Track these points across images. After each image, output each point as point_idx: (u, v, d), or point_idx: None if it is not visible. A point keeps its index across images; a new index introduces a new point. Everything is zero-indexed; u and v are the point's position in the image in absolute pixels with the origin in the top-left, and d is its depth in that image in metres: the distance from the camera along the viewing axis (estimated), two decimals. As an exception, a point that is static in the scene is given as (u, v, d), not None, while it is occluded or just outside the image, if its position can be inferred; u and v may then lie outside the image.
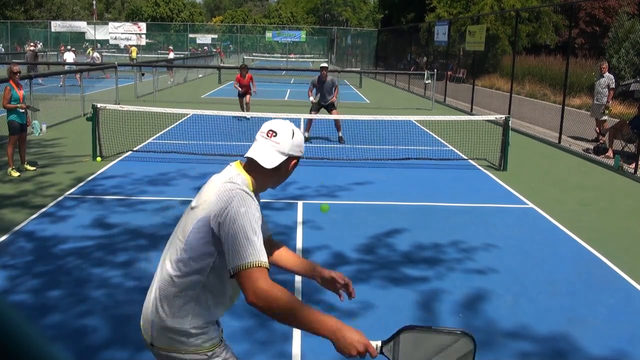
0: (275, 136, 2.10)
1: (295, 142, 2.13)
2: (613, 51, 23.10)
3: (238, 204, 1.94)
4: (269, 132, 2.11)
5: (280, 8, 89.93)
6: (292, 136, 2.13)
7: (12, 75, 8.57)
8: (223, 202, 1.96)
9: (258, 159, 2.06)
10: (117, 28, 58.14)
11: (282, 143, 2.09)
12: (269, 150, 2.08)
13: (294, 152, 2.13)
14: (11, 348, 0.56)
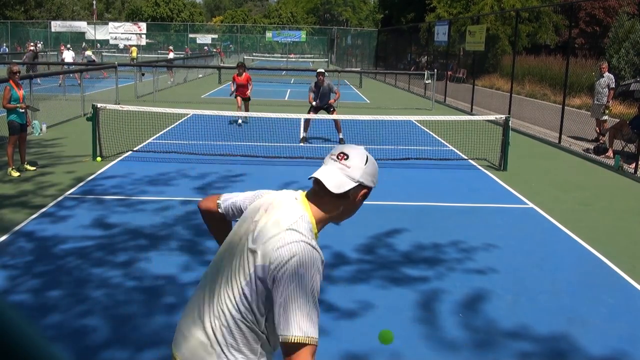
0: (347, 159, 1.94)
1: (368, 170, 1.98)
2: (613, 51, 23.10)
3: (299, 263, 1.79)
4: (339, 155, 1.95)
5: (280, 8, 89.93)
6: (366, 162, 1.98)
7: (11, 75, 8.57)
8: (284, 255, 1.78)
9: (324, 180, 1.89)
10: (117, 28, 58.12)
11: (353, 167, 1.92)
12: (337, 174, 1.92)
13: (365, 180, 1.96)
14: (11, 348, 0.56)
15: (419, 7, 36.35)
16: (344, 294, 4.76)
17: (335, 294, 4.77)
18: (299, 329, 1.79)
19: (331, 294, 4.76)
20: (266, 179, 8.62)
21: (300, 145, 11.66)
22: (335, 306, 4.54)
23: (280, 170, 9.33)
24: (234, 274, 1.86)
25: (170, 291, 4.73)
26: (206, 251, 5.67)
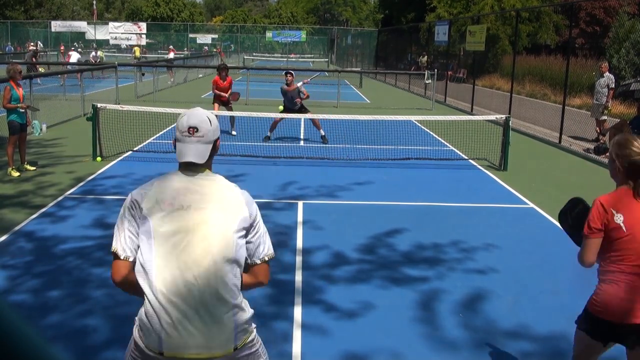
0: (198, 131, 2.22)
1: (214, 128, 2.29)
2: (613, 51, 23.10)
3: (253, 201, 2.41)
4: (190, 130, 2.22)
5: (281, 8, 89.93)
6: (211, 124, 2.28)
7: (15, 74, 8.57)
8: (251, 201, 2.38)
9: (195, 160, 2.22)
10: (117, 28, 58.14)
11: (205, 135, 2.24)
12: (198, 147, 2.23)
13: (216, 135, 2.31)
14: (10, 348, 0.56)
15: (419, 7, 36.36)
16: (344, 294, 4.76)
17: (335, 294, 4.77)
18: (271, 248, 2.36)
19: (331, 294, 4.76)
20: (266, 179, 8.62)
21: (300, 145, 11.66)
22: (335, 306, 4.54)
23: (280, 170, 9.34)
24: (212, 247, 2.14)
25: (170, 291, 4.72)
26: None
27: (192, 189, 2.22)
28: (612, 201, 2.84)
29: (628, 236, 2.73)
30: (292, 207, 7.26)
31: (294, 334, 4.08)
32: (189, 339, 2.10)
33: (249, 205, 2.30)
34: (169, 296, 2.11)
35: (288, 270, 5.23)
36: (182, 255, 2.12)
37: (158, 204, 2.17)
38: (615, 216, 2.76)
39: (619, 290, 2.77)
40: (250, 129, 11.94)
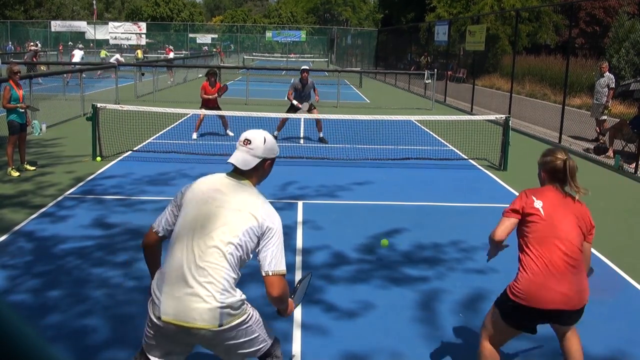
0: (250, 144, 2.68)
1: (267, 147, 2.70)
2: (613, 51, 23.10)
3: (279, 220, 2.68)
4: (244, 142, 2.70)
5: (280, 8, 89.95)
6: (264, 142, 2.70)
7: (12, 75, 8.57)
8: (272, 216, 2.63)
9: (236, 163, 2.68)
10: (117, 28, 58.10)
11: (255, 149, 2.67)
12: (244, 156, 2.68)
13: (267, 155, 2.71)
14: (10, 349, 0.56)
15: (419, 7, 36.37)
16: (344, 294, 4.76)
17: (335, 294, 4.77)
18: (283, 264, 2.67)
19: (331, 294, 4.76)
20: (266, 179, 8.61)
21: (300, 145, 11.66)
22: (335, 306, 4.54)
23: (280, 170, 9.32)
24: (218, 236, 2.50)
25: (170, 291, 4.72)
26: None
27: (224, 190, 2.66)
28: (536, 191, 3.12)
29: (545, 222, 2.95)
30: (292, 207, 7.26)
31: (293, 334, 4.08)
32: (182, 309, 2.47)
33: (266, 217, 2.59)
34: (174, 268, 2.52)
35: (288, 270, 5.20)
36: (194, 239, 2.53)
37: (194, 194, 2.66)
38: (535, 202, 3.02)
39: (540, 277, 2.92)
40: (249, 129, 11.92)
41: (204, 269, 2.48)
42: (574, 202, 3.11)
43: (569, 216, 3.02)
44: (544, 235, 2.96)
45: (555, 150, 3.22)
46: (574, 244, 2.98)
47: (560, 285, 2.91)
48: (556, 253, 2.93)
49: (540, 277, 2.92)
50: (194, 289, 2.47)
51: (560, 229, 2.96)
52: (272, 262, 2.60)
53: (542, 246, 2.95)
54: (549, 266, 2.93)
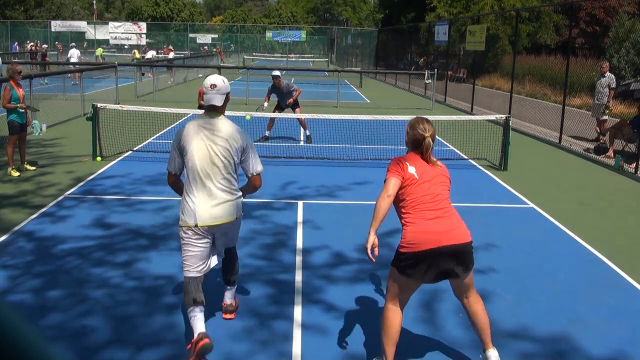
0: (217, 87, 3.80)
1: (227, 85, 3.89)
2: (613, 51, 23.09)
3: (249, 138, 3.93)
4: (211, 86, 3.79)
5: (280, 8, 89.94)
6: (224, 82, 3.87)
7: (14, 74, 8.57)
8: (246, 137, 3.87)
9: (216, 104, 3.80)
10: (117, 28, 58.12)
11: (220, 88, 3.82)
12: (217, 96, 3.80)
13: (228, 90, 3.90)
14: (10, 349, 0.56)
15: (419, 6, 36.35)
16: (344, 294, 4.76)
17: (335, 294, 4.77)
18: (260, 166, 3.95)
19: (331, 294, 4.76)
20: (266, 179, 8.61)
21: (300, 145, 11.66)
22: (335, 306, 4.54)
23: (280, 170, 9.33)
24: (222, 157, 3.72)
25: (170, 291, 4.72)
26: (206, 251, 5.67)
27: (208, 127, 3.76)
28: (404, 158, 3.60)
29: (419, 181, 3.48)
30: (292, 207, 7.26)
31: (293, 333, 4.08)
32: (213, 212, 3.71)
33: (243, 139, 3.82)
34: (198, 187, 3.72)
35: (288, 270, 5.23)
36: (206, 167, 3.70)
37: (188, 136, 3.74)
38: (409, 167, 3.52)
39: (420, 225, 3.47)
40: (249, 129, 11.92)
41: (220, 182, 3.71)
42: (434, 166, 3.59)
43: (436, 176, 3.54)
44: (418, 192, 3.48)
45: (422, 122, 3.60)
46: (443, 196, 3.56)
47: (434, 227, 3.44)
48: (428, 206, 3.47)
49: (422, 225, 3.46)
50: (219, 199, 3.71)
51: (431, 187, 3.49)
52: (253, 167, 3.89)
53: (419, 202, 3.49)
54: (424, 216, 3.47)
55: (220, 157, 3.69)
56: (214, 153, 3.68)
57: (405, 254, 3.53)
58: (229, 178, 3.75)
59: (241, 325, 4.17)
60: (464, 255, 3.54)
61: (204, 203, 3.68)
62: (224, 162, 3.71)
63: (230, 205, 3.75)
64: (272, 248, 5.81)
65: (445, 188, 3.61)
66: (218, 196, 3.71)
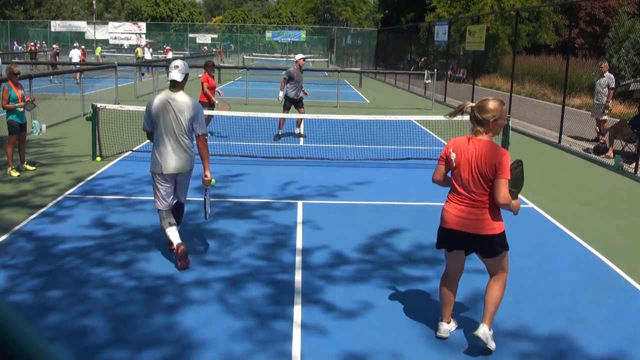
0: (179, 67, 5.12)
1: (187, 66, 5.22)
2: (613, 51, 23.09)
3: (200, 105, 5.30)
4: (175, 67, 5.14)
5: (280, 8, 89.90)
6: (184, 64, 5.19)
7: (11, 75, 8.57)
8: (198, 105, 5.19)
9: (177, 79, 5.12)
10: (117, 28, 58.13)
11: (181, 68, 5.15)
12: (179, 74, 5.13)
13: (188, 71, 5.20)
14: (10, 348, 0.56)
15: (419, 6, 36.34)
16: (344, 294, 4.76)
17: (335, 294, 4.77)
18: (205, 129, 5.30)
19: (331, 294, 4.76)
20: (265, 179, 8.62)
21: (300, 145, 11.66)
22: (335, 306, 4.54)
23: (279, 170, 9.33)
24: (180, 122, 5.05)
25: (170, 291, 4.73)
26: (206, 251, 5.67)
27: (170, 98, 5.08)
28: (455, 143, 3.83)
29: (456, 169, 3.77)
30: (291, 207, 7.26)
31: (293, 333, 4.08)
32: (178, 164, 5.16)
33: (195, 108, 5.11)
34: (164, 141, 5.08)
35: (288, 270, 5.23)
36: (170, 129, 5.06)
37: (156, 107, 5.07)
38: (452, 154, 3.79)
39: (451, 206, 3.89)
40: (249, 129, 11.93)
41: (181, 140, 5.10)
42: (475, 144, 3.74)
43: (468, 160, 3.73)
44: (455, 179, 3.85)
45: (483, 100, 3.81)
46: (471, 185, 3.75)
47: (455, 211, 3.85)
48: (458, 190, 3.83)
49: (450, 207, 3.90)
50: (180, 152, 5.12)
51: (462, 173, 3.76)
52: (201, 128, 5.16)
53: (455, 186, 3.87)
54: (453, 199, 3.89)
55: (179, 122, 5.03)
56: (175, 118, 5.01)
57: (440, 228, 4.02)
58: (186, 138, 5.12)
59: (241, 325, 4.17)
60: (486, 248, 3.90)
61: (168, 156, 5.08)
62: (182, 125, 5.04)
63: (186, 159, 5.18)
64: (271, 248, 5.81)
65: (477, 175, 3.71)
66: (178, 152, 5.10)
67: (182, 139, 5.06)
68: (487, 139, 3.72)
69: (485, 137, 3.72)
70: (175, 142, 5.05)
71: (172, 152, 5.04)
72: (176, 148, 5.06)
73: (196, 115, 5.06)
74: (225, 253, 5.63)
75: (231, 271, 5.18)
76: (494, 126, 3.70)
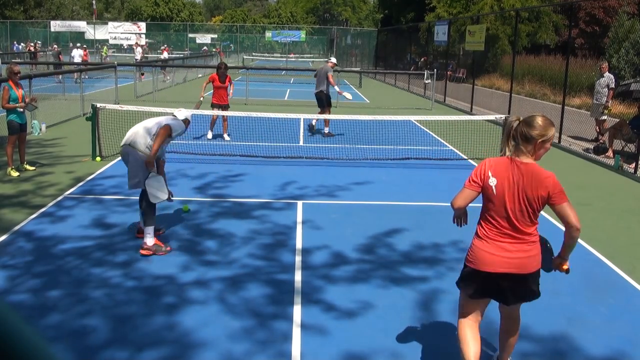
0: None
1: None
2: (613, 51, 23.10)
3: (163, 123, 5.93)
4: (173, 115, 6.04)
5: (280, 8, 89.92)
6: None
7: (11, 75, 8.57)
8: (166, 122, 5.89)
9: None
10: (116, 28, 58.13)
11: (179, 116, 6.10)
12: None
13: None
14: (10, 349, 0.56)
15: (419, 6, 36.35)
16: (344, 294, 4.76)
17: (335, 294, 4.77)
18: None
19: (331, 294, 4.76)
20: (265, 179, 8.62)
21: (300, 145, 11.66)
22: (335, 306, 4.54)
23: (279, 170, 9.33)
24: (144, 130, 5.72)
25: (170, 291, 4.72)
26: (206, 251, 5.67)
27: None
28: (494, 165, 3.21)
29: (498, 198, 3.15)
30: (291, 207, 7.26)
31: (293, 333, 4.08)
32: None
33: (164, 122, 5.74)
34: None
35: (287, 270, 5.23)
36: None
37: None
38: (491, 179, 3.17)
39: (490, 244, 3.20)
40: (249, 129, 11.93)
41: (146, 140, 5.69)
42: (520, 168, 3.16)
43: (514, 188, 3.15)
44: (493, 209, 3.22)
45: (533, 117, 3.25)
46: (517, 216, 3.16)
47: (498, 250, 3.18)
48: (500, 223, 3.20)
49: (487, 245, 3.23)
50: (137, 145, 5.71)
51: (507, 203, 3.16)
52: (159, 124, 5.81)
53: (492, 219, 3.24)
54: (495, 237, 3.21)
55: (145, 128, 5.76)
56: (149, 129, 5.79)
57: (469, 269, 3.33)
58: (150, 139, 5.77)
59: (241, 325, 4.17)
60: (524, 293, 3.29)
61: None
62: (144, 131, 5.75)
63: (140, 149, 5.81)
64: (271, 248, 5.81)
65: (526, 205, 3.14)
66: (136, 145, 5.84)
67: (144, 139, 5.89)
68: (533, 163, 3.16)
69: (530, 159, 3.15)
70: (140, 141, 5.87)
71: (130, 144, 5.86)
72: (135, 144, 5.88)
73: (158, 126, 5.84)
74: (225, 253, 5.63)
75: (231, 271, 5.17)
76: (539, 149, 3.15)
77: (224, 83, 11.71)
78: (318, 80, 12.80)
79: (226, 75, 11.80)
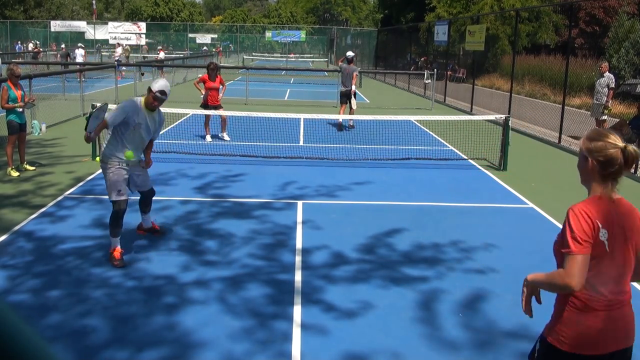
0: (166, 94, 5.69)
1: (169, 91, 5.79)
2: (613, 51, 23.10)
3: None
4: (162, 92, 5.62)
5: (280, 8, 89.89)
6: (169, 90, 5.76)
7: (11, 76, 8.57)
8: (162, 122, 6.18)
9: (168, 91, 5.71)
10: (116, 28, 58.08)
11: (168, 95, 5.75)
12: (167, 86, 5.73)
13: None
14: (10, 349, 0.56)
15: (419, 6, 36.33)
16: (344, 294, 4.76)
17: (335, 294, 4.77)
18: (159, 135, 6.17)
19: (331, 294, 4.76)
20: (265, 179, 8.62)
21: (300, 145, 11.66)
22: (335, 306, 4.54)
23: (279, 170, 9.33)
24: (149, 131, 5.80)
25: (170, 291, 4.72)
26: (206, 251, 5.67)
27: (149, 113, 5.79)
28: (596, 212, 2.37)
29: (610, 252, 2.31)
30: (291, 207, 7.26)
31: (293, 333, 4.08)
32: None
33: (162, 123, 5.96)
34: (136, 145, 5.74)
35: (287, 270, 5.23)
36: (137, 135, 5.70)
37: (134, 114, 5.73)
38: (601, 231, 2.31)
39: (601, 316, 2.33)
40: (249, 129, 11.93)
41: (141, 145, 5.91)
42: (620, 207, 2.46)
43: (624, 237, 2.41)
44: (605, 272, 2.34)
45: (609, 133, 2.51)
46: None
47: (610, 321, 2.37)
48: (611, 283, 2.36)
49: (599, 320, 2.35)
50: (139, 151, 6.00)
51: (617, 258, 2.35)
52: (158, 134, 6.05)
53: (603, 284, 2.35)
54: (608, 308, 2.35)
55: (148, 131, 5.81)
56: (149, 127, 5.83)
57: (568, 354, 2.51)
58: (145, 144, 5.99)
59: (241, 325, 4.17)
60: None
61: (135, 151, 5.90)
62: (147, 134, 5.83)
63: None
64: (271, 248, 5.81)
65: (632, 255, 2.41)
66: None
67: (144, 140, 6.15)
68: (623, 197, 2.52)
69: (618, 194, 2.54)
70: (139, 143, 6.11)
71: (136, 151, 6.01)
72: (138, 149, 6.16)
73: (160, 127, 6.17)
74: (225, 253, 5.63)
75: (231, 271, 5.17)
76: None
77: (215, 82, 11.68)
78: (345, 78, 13.89)
79: (217, 75, 11.76)
